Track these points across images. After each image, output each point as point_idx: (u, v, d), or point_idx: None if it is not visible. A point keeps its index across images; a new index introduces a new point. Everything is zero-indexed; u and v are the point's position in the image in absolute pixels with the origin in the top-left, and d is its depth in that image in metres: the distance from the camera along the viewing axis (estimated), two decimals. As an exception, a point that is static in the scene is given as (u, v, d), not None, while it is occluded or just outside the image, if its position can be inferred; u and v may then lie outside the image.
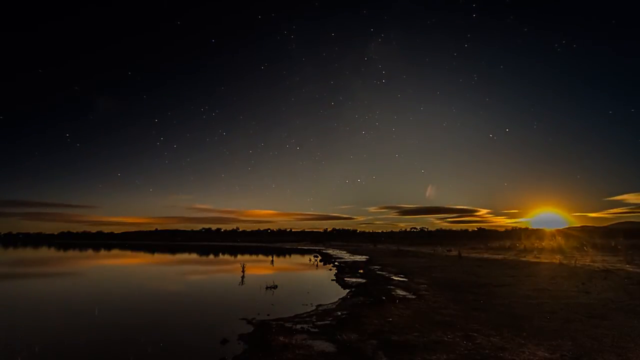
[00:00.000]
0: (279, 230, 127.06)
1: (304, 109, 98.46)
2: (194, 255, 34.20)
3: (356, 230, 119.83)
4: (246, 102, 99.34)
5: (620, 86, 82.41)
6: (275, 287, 11.49)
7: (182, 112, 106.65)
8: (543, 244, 27.28)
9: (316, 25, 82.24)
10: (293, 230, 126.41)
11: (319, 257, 27.54)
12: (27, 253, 39.30)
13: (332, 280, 13.77)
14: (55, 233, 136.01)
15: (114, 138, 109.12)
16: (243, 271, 16.26)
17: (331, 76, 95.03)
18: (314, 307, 8.31)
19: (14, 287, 13.64)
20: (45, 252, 41.48)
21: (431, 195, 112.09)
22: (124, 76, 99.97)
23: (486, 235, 64.18)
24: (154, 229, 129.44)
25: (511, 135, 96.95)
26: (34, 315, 8.32)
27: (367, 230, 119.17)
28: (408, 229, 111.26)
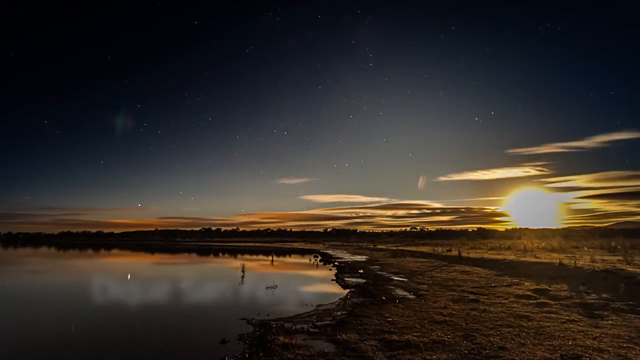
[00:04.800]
0: (279, 230, 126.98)
1: (290, 93, 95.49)
2: (193, 255, 34.19)
3: (356, 230, 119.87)
4: (232, 86, 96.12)
5: (603, 68, 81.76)
6: (275, 287, 11.49)
7: (166, 97, 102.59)
8: (543, 244, 27.29)
9: (302, 7, 79.65)
10: (293, 230, 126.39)
11: (319, 257, 27.52)
12: (24, 252, 39.28)
13: (332, 280, 13.78)
14: (55, 233, 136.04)
15: (95, 124, 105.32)
16: (243, 271, 16.25)
17: (318, 60, 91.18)
18: (314, 307, 8.31)
19: (12, 287, 13.64)
20: (44, 252, 41.43)
21: (423, 186, 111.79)
22: (103, 60, 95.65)
23: (486, 235, 64.21)
24: (153, 229, 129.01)
25: (496, 118, 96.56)
26: (32, 316, 8.31)
27: (367, 230, 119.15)
28: (408, 229, 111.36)
